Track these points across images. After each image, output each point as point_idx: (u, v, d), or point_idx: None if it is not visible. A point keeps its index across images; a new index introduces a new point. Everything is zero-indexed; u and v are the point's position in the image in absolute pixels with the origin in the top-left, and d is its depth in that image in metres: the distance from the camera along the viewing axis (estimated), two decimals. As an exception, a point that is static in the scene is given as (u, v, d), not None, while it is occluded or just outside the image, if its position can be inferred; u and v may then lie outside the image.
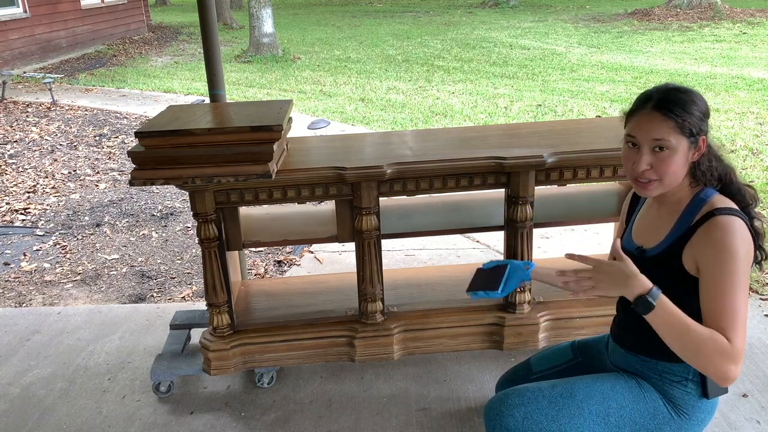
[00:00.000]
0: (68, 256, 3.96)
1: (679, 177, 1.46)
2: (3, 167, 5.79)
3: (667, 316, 1.34)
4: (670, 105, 1.42)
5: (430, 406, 2.39)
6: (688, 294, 1.43)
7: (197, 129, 1.96)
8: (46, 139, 6.73)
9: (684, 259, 1.44)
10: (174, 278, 3.62)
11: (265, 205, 2.33)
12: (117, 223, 4.47)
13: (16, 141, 6.67)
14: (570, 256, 1.44)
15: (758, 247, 1.44)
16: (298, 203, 2.41)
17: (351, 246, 3.37)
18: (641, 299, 1.35)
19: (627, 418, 1.52)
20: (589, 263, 1.41)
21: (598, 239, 3.83)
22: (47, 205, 4.85)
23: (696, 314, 1.39)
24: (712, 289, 1.37)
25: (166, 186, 4.22)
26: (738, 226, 1.38)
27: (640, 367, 1.59)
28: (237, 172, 1.98)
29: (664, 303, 1.35)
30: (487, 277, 1.74)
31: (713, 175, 1.47)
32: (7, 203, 4.90)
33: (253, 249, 3.88)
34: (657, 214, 1.55)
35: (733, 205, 1.43)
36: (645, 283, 1.36)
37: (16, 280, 3.66)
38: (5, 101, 8.57)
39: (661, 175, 1.44)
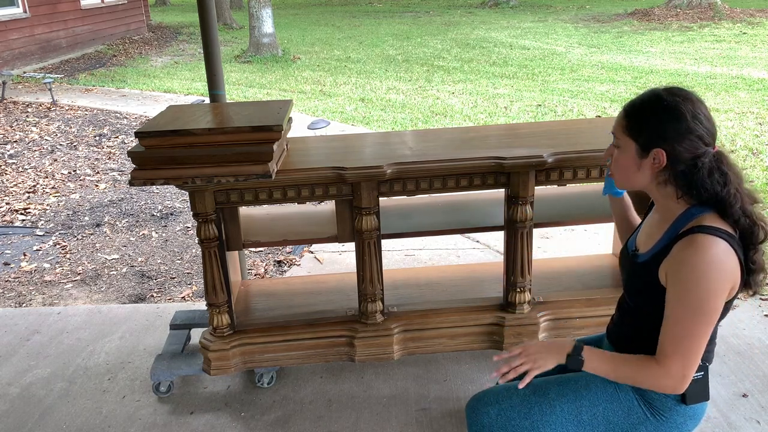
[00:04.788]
0: (68, 256, 3.96)
1: (631, 179, 1.48)
2: (3, 167, 5.79)
3: (598, 361, 1.46)
4: (634, 106, 1.45)
5: (430, 406, 2.39)
6: (663, 304, 1.42)
7: (197, 129, 1.97)
8: (46, 139, 6.73)
9: (659, 272, 1.41)
10: (174, 278, 3.63)
11: (265, 205, 2.33)
12: (117, 223, 4.48)
13: (16, 141, 6.67)
14: (499, 357, 1.57)
15: (749, 275, 1.38)
16: (298, 203, 2.41)
17: (351, 246, 3.36)
18: (571, 358, 1.47)
19: (600, 417, 1.54)
20: (515, 350, 1.53)
21: (597, 239, 3.83)
22: (47, 205, 4.85)
23: None
24: (668, 311, 1.38)
25: (166, 186, 4.22)
26: (716, 247, 1.31)
27: None
28: (237, 172, 1.98)
29: (590, 351, 1.46)
30: None
31: (699, 193, 1.38)
32: (7, 203, 4.90)
33: (253, 249, 3.88)
34: (654, 222, 1.54)
35: (724, 227, 1.35)
36: (567, 341, 1.49)
37: (16, 280, 3.66)
38: (5, 101, 8.57)
39: (612, 169, 1.52)
